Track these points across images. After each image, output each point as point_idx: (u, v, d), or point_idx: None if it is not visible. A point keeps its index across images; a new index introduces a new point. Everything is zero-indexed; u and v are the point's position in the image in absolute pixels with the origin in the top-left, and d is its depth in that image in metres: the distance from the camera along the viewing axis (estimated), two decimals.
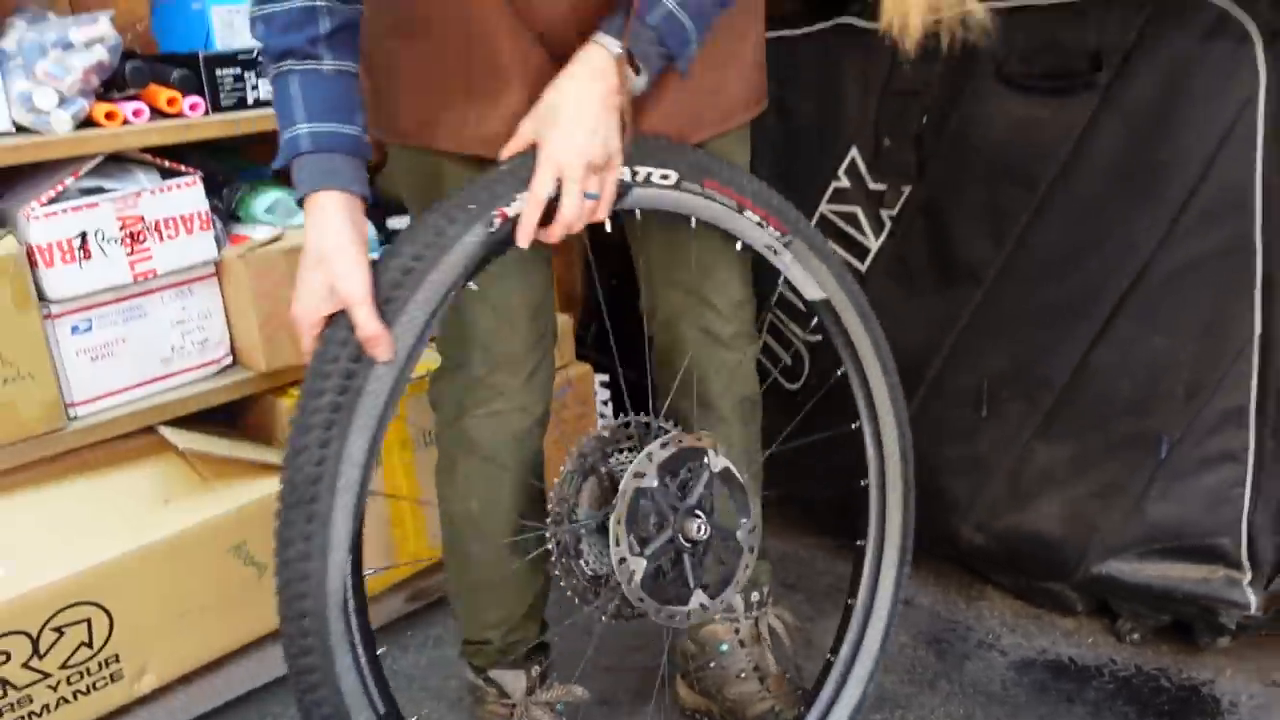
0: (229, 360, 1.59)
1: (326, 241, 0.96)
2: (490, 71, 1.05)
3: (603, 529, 1.09)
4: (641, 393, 1.28)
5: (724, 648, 1.35)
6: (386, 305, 0.95)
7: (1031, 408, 1.50)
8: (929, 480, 1.43)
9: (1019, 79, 1.42)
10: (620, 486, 1.07)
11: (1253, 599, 1.38)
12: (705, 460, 1.12)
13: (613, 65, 0.98)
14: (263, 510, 1.51)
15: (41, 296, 1.38)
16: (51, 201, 1.37)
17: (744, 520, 1.16)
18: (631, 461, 1.09)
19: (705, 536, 1.10)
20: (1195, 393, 1.38)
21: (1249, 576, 1.38)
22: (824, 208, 1.65)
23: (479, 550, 1.24)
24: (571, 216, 0.98)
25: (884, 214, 1.59)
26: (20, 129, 1.39)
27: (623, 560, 1.06)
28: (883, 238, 1.60)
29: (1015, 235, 1.47)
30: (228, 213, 1.61)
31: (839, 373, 1.30)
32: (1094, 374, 1.45)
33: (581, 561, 1.13)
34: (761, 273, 1.28)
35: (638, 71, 1.01)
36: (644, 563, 1.07)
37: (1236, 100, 1.30)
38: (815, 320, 1.28)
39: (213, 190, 1.54)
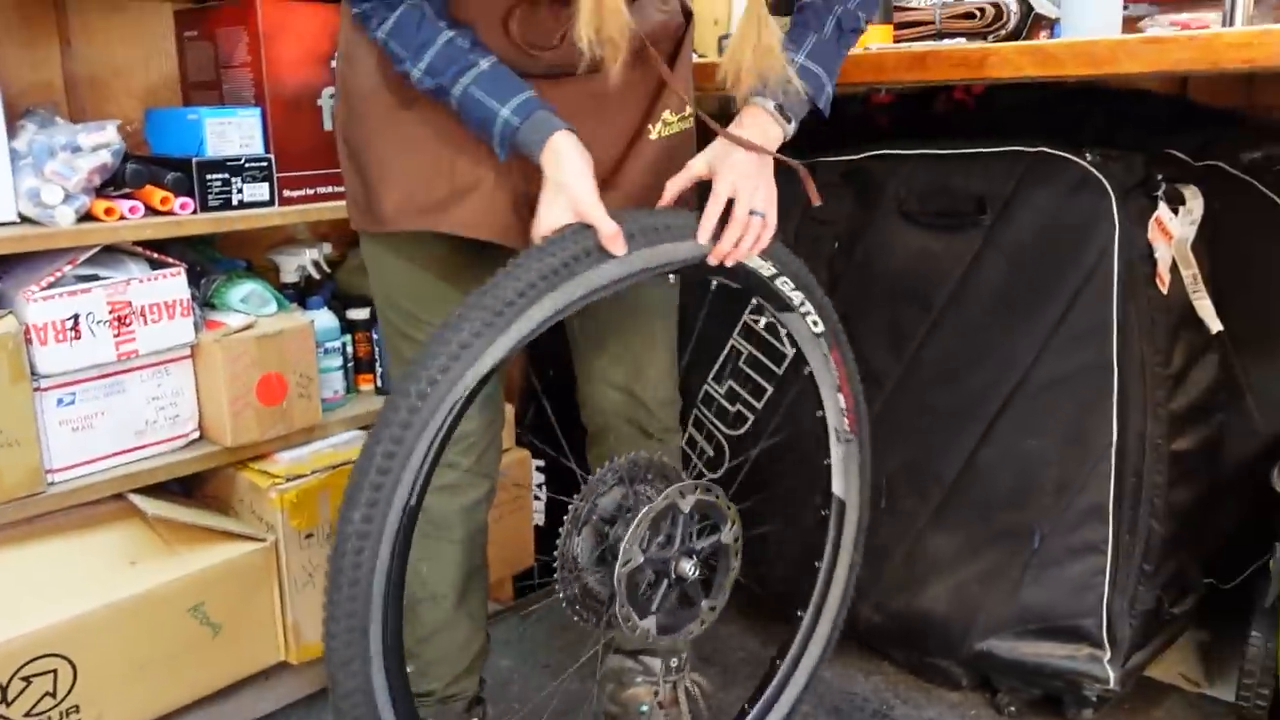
0: (196, 435, 1.72)
1: (565, 173, 1.14)
2: (472, 167, 1.22)
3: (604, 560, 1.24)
4: (572, 476, 1.45)
5: (644, 709, 1.49)
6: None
7: (924, 501, 1.69)
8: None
9: (916, 215, 1.64)
10: (615, 576, 1.20)
11: (1112, 674, 1.57)
12: (679, 507, 1.25)
13: (771, 119, 1.21)
14: (221, 574, 1.63)
15: (33, 371, 1.51)
16: (49, 286, 1.50)
17: (723, 526, 1.30)
18: (617, 500, 1.24)
19: (698, 572, 1.25)
20: (1063, 490, 1.58)
21: (1109, 654, 1.57)
22: (747, 318, 1.85)
23: (426, 609, 1.38)
24: (742, 215, 1.20)
25: None
26: (25, 219, 1.53)
27: (635, 628, 1.22)
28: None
29: (912, 349, 1.68)
30: (204, 300, 1.75)
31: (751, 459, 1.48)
32: (978, 472, 1.64)
33: (596, 601, 1.26)
34: (686, 373, 1.46)
35: (789, 120, 1.23)
36: (653, 619, 1.24)
37: (1098, 245, 1.53)
38: (735, 415, 1.46)
39: (191, 279, 1.69)
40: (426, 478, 1.09)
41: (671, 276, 1.36)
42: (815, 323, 1.41)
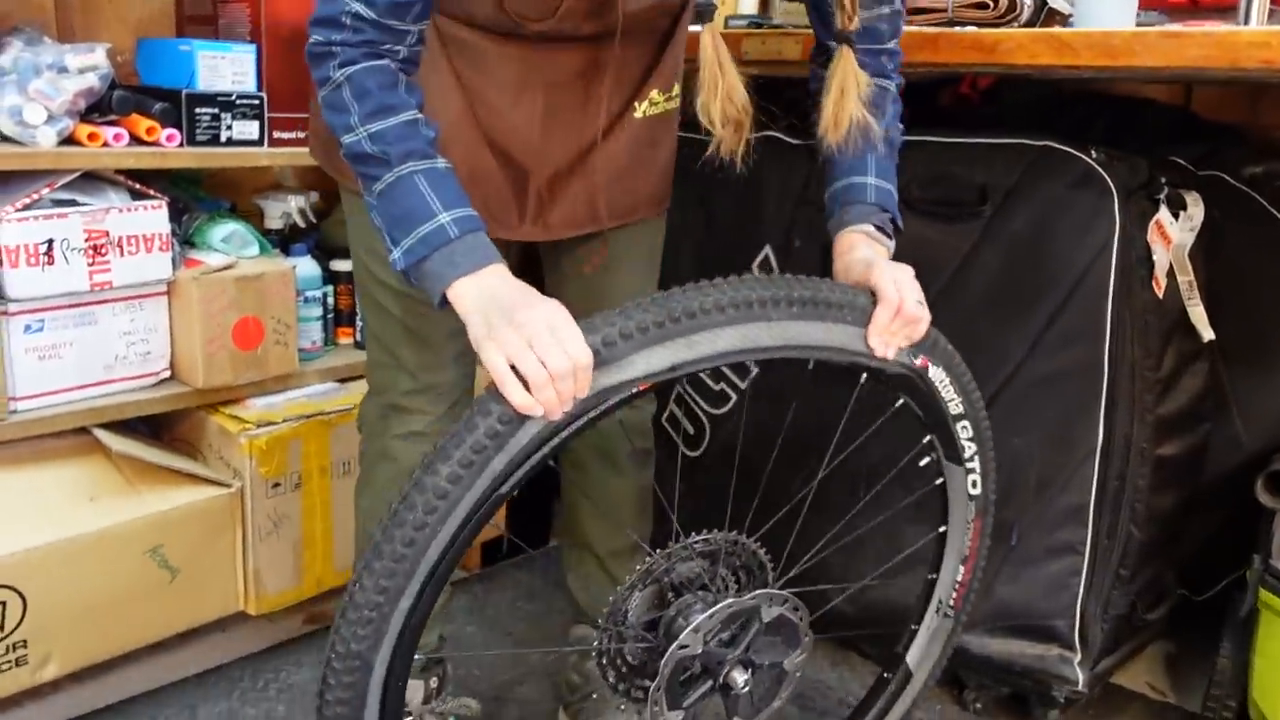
0: (167, 374, 1.68)
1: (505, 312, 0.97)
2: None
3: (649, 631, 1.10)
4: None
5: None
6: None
7: (905, 493, 1.67)
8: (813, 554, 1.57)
9: (915, 203, 1.62)
10: (664, 657, 1.06)
11: (1080, 676, 1.55)
12: (760, 615, 1.11)
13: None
14: (183, 517, 1.59)
15: (2, 294, 1.46)
16: (25, 208, 1.46)
17: (793, 652, 1.16)
18: (695, 571, 1.09)
19: (749, 687, 1.11)
20: (1044, 489, 1.56)
21: (1079, 656, 1.55)
22: None
23: None
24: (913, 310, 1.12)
25: None
26: (4, 138, 1.48)
27: (660, 716, 1.08)
28: None
29: None
30: (184, 237, 1.71)
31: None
32: None
33: (627, 666, 1.13)
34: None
35: (890, 237, 1.21)
36: (680, 714, 1.09)
37: (1096, 243, 1.51)
38: (719, 394, 1.43)
39: (173, 216, 1.64)
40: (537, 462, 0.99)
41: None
42: (975, 483, 1.27)
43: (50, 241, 1.48)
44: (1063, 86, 1.89)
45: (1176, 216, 1.56)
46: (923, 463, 1.29)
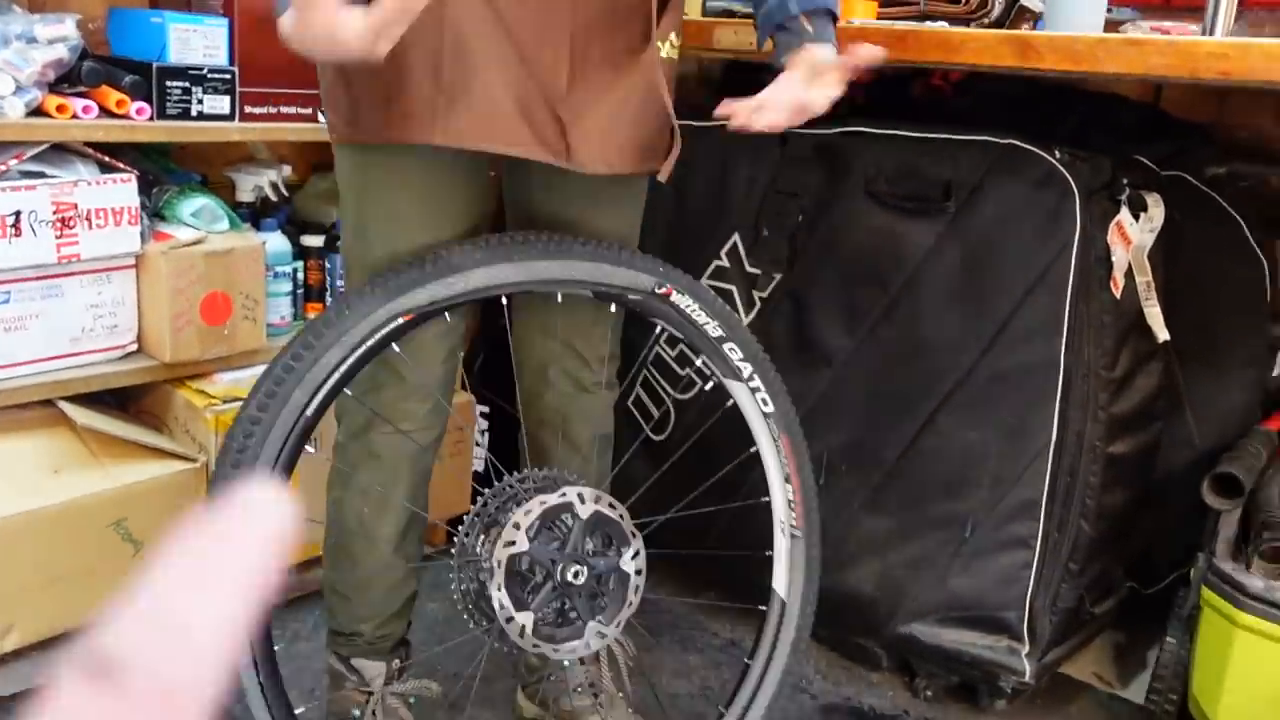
0: (134, 347, 1.68)
1: None
2: (460, 64, 1.12)
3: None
4: (513, 422, 1.44)
5: (565, 663, 1.49)
6: None
7: (863, 481, 1.70)
8: (766, 538, 1.60)
9: (882, 196, 1.64)
10: (493, 556, 1.17)
11: (1028, 668, 1.59)
12: (574, 511, 1.22)
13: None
14: (147, 491, 1.60)
15: None
16: None
17: (625, 549, 1.25)
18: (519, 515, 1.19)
19: (585, 580, 1.20)
20: (998, 483, 1.59)
21: (1026, 648, 1.59)
22: (705, 282, 1.84)
23: (364, 551, 1.36)
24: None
25: (755, 294, 1.79)
26: None
27: (510, 619, 1.17)
28: (752, 315, 1.80)
29: (866, 329, 1.68)
30: (153, 211, 1.71)
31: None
32: (919, 457, 1.65)
33: (484, 601, 1.21)
34: (636, 328, 1.45)
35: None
36: (530, 615, 1.18)
37: (1056, 242, 1.53)
38: (684, 379, 1.45)
39: (143, 188, 1.64)
40: (330, 391, 1.14)
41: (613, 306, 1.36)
42: (765, 401, 1.38)
43: (18, 213, 1.48)
44: (1035, 81, 1.90)
45: (1137, 218, 1.59)
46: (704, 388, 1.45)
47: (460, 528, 1.25)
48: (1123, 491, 1.66)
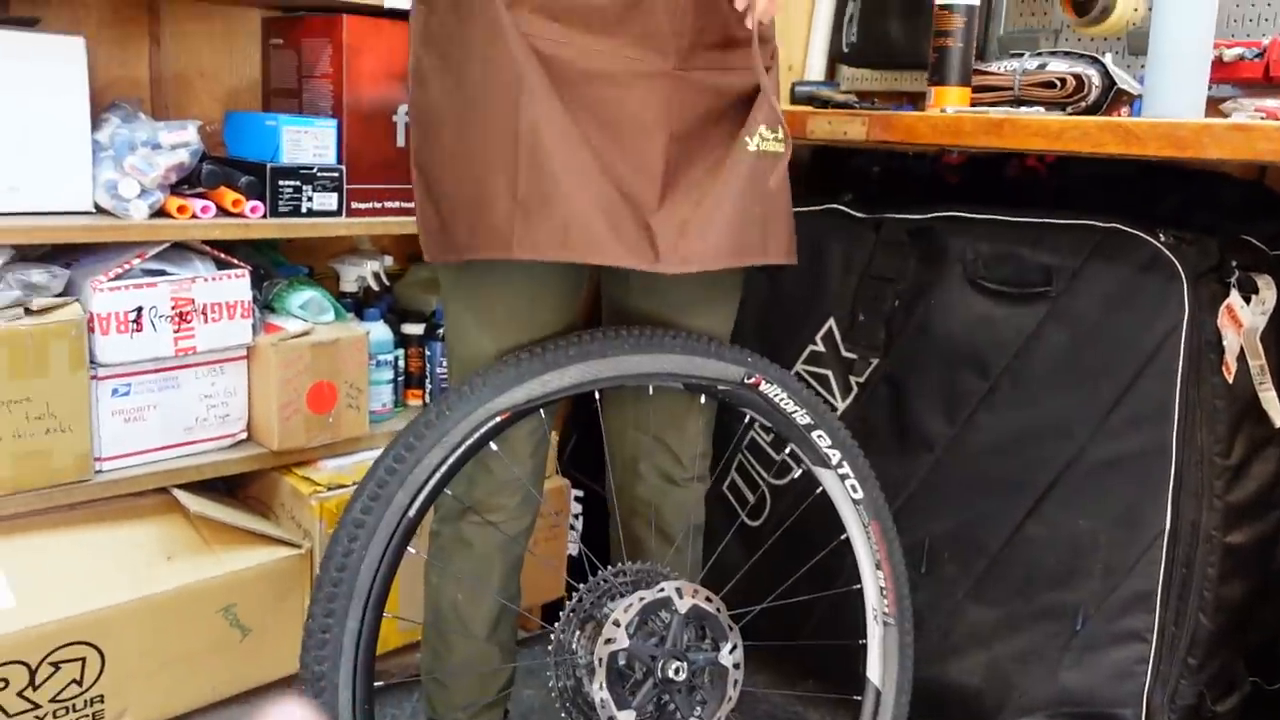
0: (244, 436, 1.73)
1: None
2: (537, 175, 1.15)
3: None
4: (608, 508, 1.45)
5: None
6: None
7: (966, 570, 1.66)
8: (862, 625, 1.57)
9: (981, 280, 1.62)
10: (593, 654, 1.19)
11: None
12: (672, 606, 1.23)
13: None
14: (255, 578, 1.63)
15: (92, 359, 1.53)
16: (117, 277, 1.53)
17: (724, 644, 1.26)
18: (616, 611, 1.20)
19: (686, 676, 1.21)
20: (1110, 574, 1.54)
21: None
22: (800, 367, 1.84)
23: (459, 639, 1.37)
24: None
25: (852, 380, 1.78)
26: (100, 210, 1.56)
27: (611, 718, 1.18)
28: (849, 401, 1.78)
29: (966, 415, 1.66)
30: (264, 304, 1.77)
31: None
32: (1025, 546, 1.61)
33: (582, 698, 1.23)
34: (731, 413, 1.45)
35: None
36: (632, 713, 1.19)
37: (1164, 327, 1.50)
38: (779, 464, 1.45)
39: (253, 282, 1.71)
40: (432, 491, 1.17)
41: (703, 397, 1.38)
42: (854, 487, 1.40)
43: (139, 309, 1.55)
44: (1132, 161, 1.88)
45: (1248, 300, 1.54)
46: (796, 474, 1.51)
47: (556, 624, 1.25)
48: (1242, 582, 1.59)
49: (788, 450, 1.41)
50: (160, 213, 1.57)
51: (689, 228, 1.20)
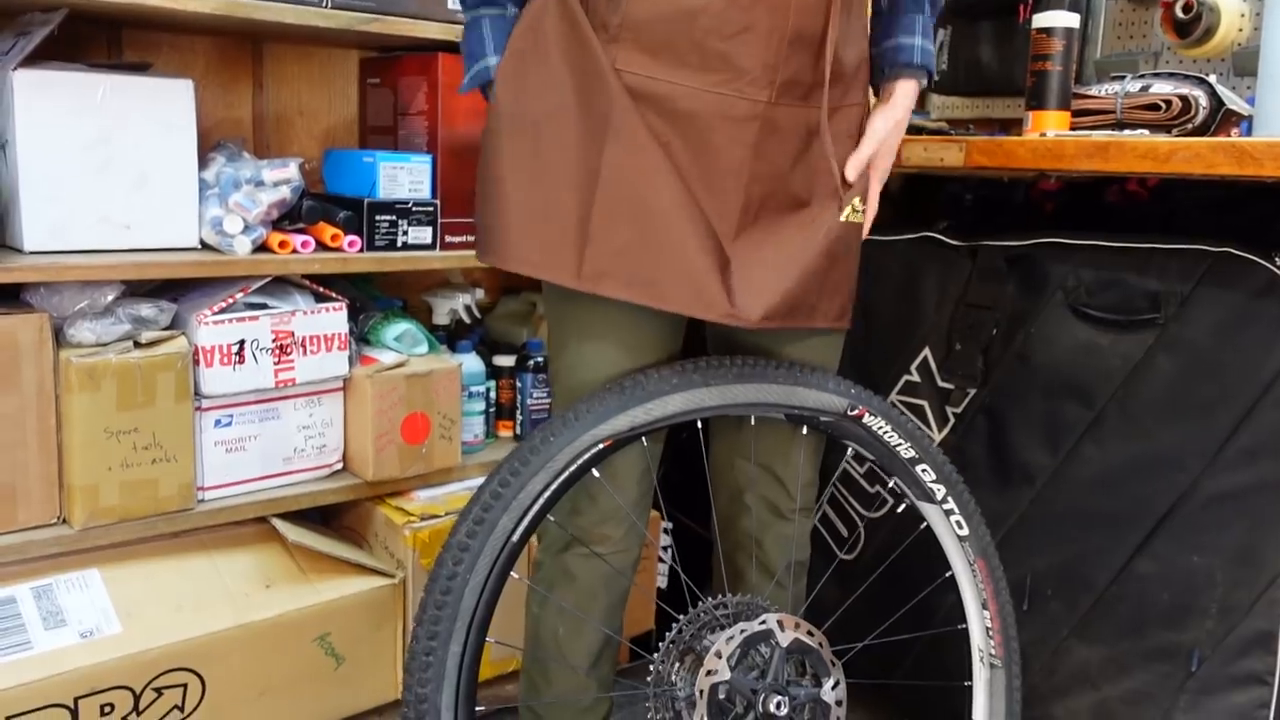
0: (340, 466, 1.76)
1: None
2: (621, 218, 1.17)
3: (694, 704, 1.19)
4: (700, 541, 1.43)
5: None
6: None
7: (1071, 608, 1.60)
8: (964, 666, 1.52)
9: (1083, 308, 1.58)
10: (694, 686, 1.17)
11: None
12: (774, 639, 1.21)
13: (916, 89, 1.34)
14: (349, 606, 1.65)
15: (197, 391, 1.57)
16: (221, 311, 1.57)
17: (826, 680, 1.24)
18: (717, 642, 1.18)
19: (787, 711, 1.18)
20: (1227, 613, 1.47)
21: None
22: (895, 397, 1.80)
23: (558, 672, 1.36)
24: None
25: (949, 410, 1.74)
26: (206, 246, 1.60)
27: None
28: (945, 431, 1.74)
29: (1069, 446, 1.60)
30: (360, 336, 1.80)
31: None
32: (1133, 583, 1.55)
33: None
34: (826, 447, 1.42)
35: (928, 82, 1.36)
36: None
37: None
38: (875, 497, 1.41)
39: (350, 314, 1.74)
40: (535, 517, 1.16)
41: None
42: (960, 524, 1.38)
43: (242, 342, 1.59)
44: (1240, 183, 1.82)
45: None
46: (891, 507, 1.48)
47: (655, 655, 1.24)
48: None
49: (890, 484, 1.37)
50: (262, 248, 1.61)
51: (763, 282, 1.21)
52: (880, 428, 1.33)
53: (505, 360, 1.96)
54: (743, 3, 1.13)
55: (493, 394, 1.95)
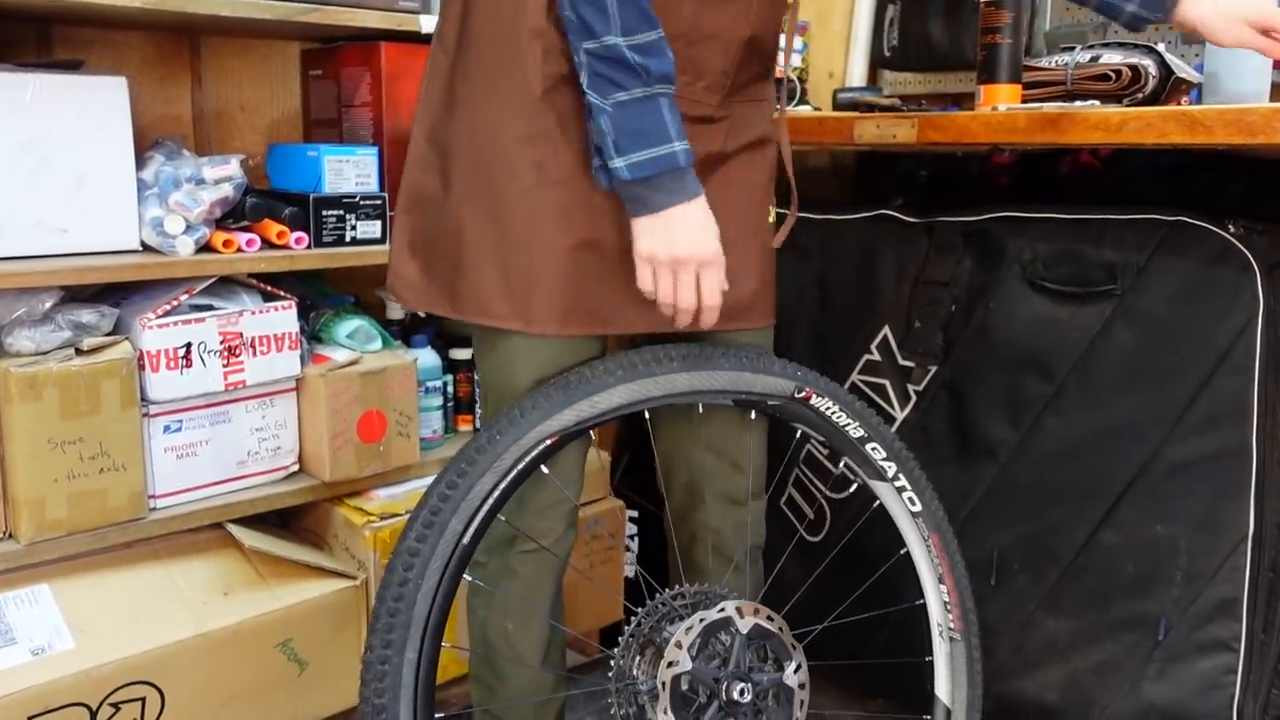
0: (296, 468, 1.72)
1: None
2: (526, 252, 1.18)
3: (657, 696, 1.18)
4: (663, 529, 1.42)
5: None
6: None
7: (1038, 581, 1.60)
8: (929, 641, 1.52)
9: (1041, 281, 1.58)
10: (656, 678, 1.17)
11: None
12: (734, 626, 1.20)
13: None
14: (311, 610, 1.62)
15: (143, 397, 1.52)
16: (165, 314, 1.53)
17: (788, 664, 1.24)
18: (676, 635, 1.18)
19: (750, 698, 1.18)
20: (1192, 581, 1.48)
21: None
22: (855, 377, 1.79)
23: (513, 670, 1.35)
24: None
25: (910, 388, 1.73)
26: (147, 248, 1.56)
27: None
28: (908, 410, 1.74)
29: (1031, 420, 1.60)
30: (311, 334, 1.76)
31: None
32: (1099, 554, 1.55)
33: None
34: (783, 428, 1.41)
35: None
36: None
37: (1237, 321, 1.44)
38: (838, 477, 1.41)
39: (300, 313, 1.70)
40: (485, 518, 1.15)
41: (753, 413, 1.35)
42: (912, 500, 1.37)
43: (188, 345, 1.55)
44: (1191, 151, 1.82)
45: None
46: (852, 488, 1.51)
47: (615, 650, 1.22)
48: None
49: (843, 464, 1.36)
50: (206, 248, 1.57)
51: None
52: (828, 408, 1.33)
53: (462, 354, 1.93)
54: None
55: (450, 388, 1.92)
